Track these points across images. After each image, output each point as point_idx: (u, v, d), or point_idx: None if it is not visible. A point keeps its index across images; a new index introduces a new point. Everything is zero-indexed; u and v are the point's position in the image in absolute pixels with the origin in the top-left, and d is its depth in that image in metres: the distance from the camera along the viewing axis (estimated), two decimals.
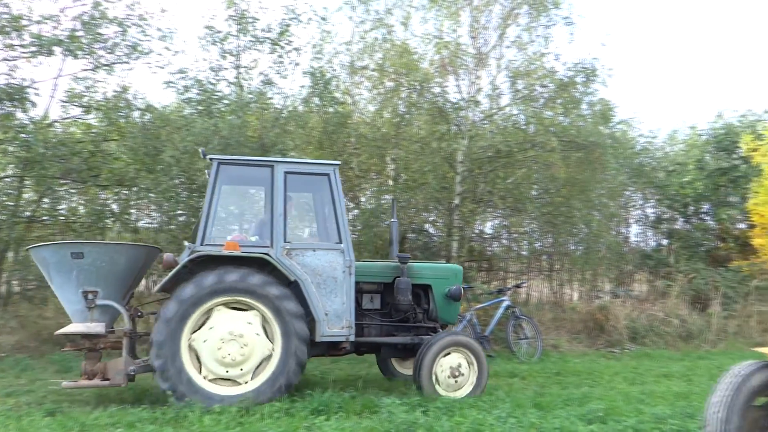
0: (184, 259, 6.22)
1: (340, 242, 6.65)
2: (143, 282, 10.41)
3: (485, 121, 12.59)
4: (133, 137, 10.54)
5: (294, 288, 6.41)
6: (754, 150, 12.99)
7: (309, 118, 11.98)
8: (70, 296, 6.46)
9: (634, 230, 17.20)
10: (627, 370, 9.16)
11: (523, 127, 12.54)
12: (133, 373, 6.32)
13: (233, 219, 10.12)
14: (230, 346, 6.06)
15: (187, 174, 10.81)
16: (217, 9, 16.56)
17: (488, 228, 14.86)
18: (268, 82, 11.66)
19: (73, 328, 6.40)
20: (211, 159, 6.54)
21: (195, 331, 6.10)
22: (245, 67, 11.73)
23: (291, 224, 6.91)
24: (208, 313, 6.16)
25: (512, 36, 12.69)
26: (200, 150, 6.98)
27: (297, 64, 11.80)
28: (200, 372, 6.07)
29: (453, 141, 12.01)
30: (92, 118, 11.12)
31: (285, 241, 6.49)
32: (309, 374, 7.84)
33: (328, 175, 6.80)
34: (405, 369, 8.00)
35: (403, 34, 12.95)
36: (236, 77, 11.71)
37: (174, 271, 6.13)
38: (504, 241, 15.35)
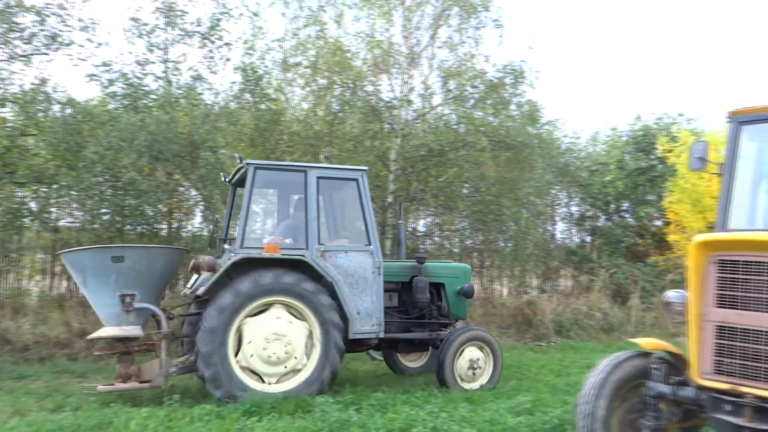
0: (225, 262, 6.41)
1: (370, 244, 7.04)
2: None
3: (418, 121, 12.74)
4: (53, 132, 10.03)
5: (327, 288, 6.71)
6: (669, 151, 13.73)
7: (241, 115, 11.76)
8: (106, 300, 6.44)
9: (560, 227, 17.85)
10: (553, 362, 9.50)
11: (455, 127, 12.76)
12: (174, 374, 6.49)
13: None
14: (275, 345, 6.33)
15: (112, 171, 10.40)
16: (144, 1, 15.96)
17: (421, 226, 15.06)
18: (197, 78, 11.36)
19: (109, 331, 6.40)
20: (247, 164, 6.70)
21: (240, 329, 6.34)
22: (174, 61, 11.38)
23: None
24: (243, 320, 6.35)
25: (444, 37, 12.90)
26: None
27: (228, 60, 11.56)
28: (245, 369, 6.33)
29: (386, 140, 12.09)
30: (8, 112, 10.51)
31: (319, 243, 6.76)
32: None
33: (356, 180, 7.17)
34: (411, 363, 8.44)
35: (336, 31, 12.92)
36: (164, 72, 11.34)
37: (219, 273, 6.31)
38: (436, 239, 15.60)
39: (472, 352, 7.17)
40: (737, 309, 3.38)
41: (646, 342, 4.09)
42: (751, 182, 5.13)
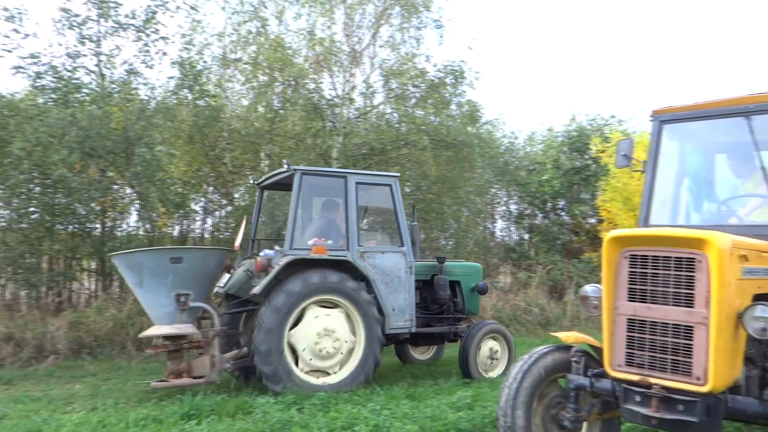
0: (277, 262, 6.72)
1: (402, 245, 7.53)
2: None
3: (360, 119, 12.78)
4: None
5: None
6: (602, 151, 14.22)
7: (178, 111, 11.51)
8: (162, 299, 6.66)
9: (500, 225, 18.23)
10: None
11: (396, 126, 12.86)
12: (229, 370, 6.85)
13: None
14: (325, 340, 6.76)
15: (41, 168, 10.00)
16: None
17: (363, 225, 15.09)
18: (132, 72, 11.04)
19: (165, 329, 6.64)
20: (294, 170, 7.09)
21: (292, 328, 6.71)
22: (107, 54, 11.03)
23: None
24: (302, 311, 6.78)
25: (385, 36, 13.00)
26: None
27: (164, 54, 11.29)
28: (296, 364, 6.73)
29: (328, 138, 12.07)
30: None
31: (358, 245, 7.19)
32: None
33: (390, 185, 7.62)
34: (419, 355, 9.24)
35: (277, 28, 12.82)
36: (97, 65, 10.98)
37: (274, 273, 6.63)
38: (378, 237, 15.67)
39: (490, 344, 7.98)
40: (647, 303, 3.54)
41: (567, 335, 4.23)
42: (672, 179, 5.39)
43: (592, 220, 15.85)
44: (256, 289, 6.65)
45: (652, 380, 3.42)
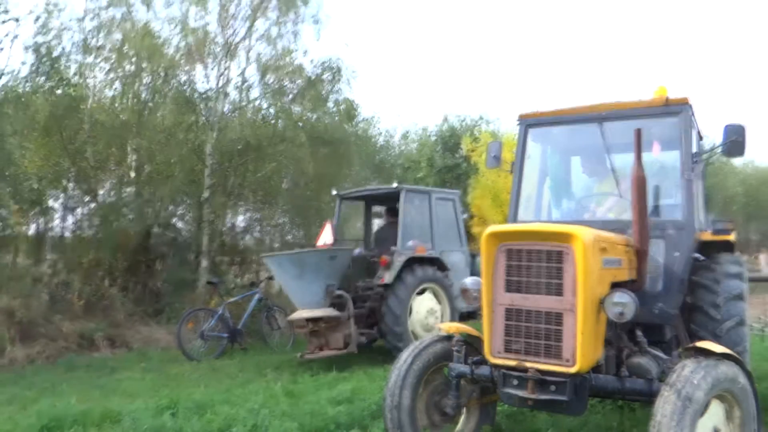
0: (396, 258, 8.55)
1: (462, 245, 9.84)
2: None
3: (235, 114, 12.42)
4: None
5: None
6: (473, 151, 14.97)
7: (32, 100, 10.52)
8: (315, 289, 8.07)
9: (376, 222, 18.54)
10: (373, 350, 9.86)
11: (273, 122, 12.66)
12: (364, 342, 8.45)
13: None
14: (429, 317, 8.73)
15: None
16: None
17: (240, 221, 14.74)
18: None
19: (318, 312, 8.08)
20: (401, 188, 9.07)
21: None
22: None
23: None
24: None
25: (261, 29, 12.73)
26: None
27: (16, 37, 10.25)
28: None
29: (201, 132, 11.62)
30: None
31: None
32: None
33: (453, 200, 9.99)
34: None
35: (145, 15, 12.10)
36: None
37: (398, 268, 8.43)
38: (256, 234, 15.38)
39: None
40: (522, 293, 3.81)
41: (449, 326, 4.45)
42: (536, 179, 5.82)
43: (464, 216, 16.59)
44: (387, 279, 8.45)
45: (528, 364, 3.69)
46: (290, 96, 12.75)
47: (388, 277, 8.48)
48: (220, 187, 12.45)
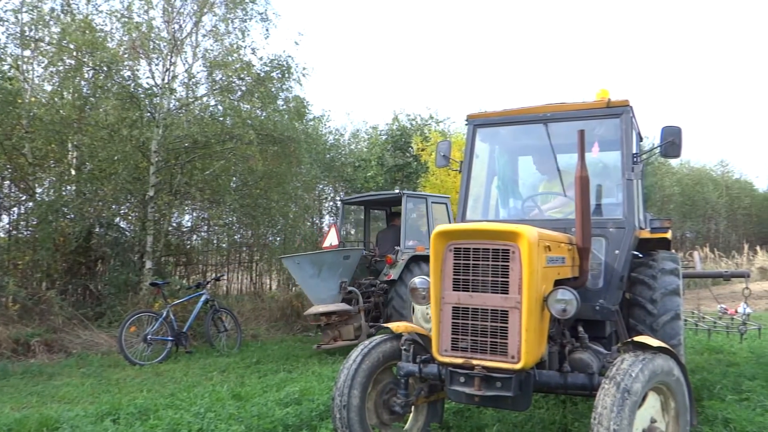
0: (400, 257, 9.71)
1: None
2: None
3: (181, 110, 12.12)
4: None
5: None
6: (422, 150, 15.08)
7: None
8: (331, 285, 8.89)
9: (327, 220, 18.50)
10: (321, 351, 9.84)
11: (221, 119, 12.43)
12: (373, 334, 8.54)
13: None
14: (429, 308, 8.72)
15: None
16: None
17: (186, 221, 14.42)
18: None
19: (332, 307, 8.81)
20: (403, 194, 10.24)
21: None
22: None
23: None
24: None
25: (208, 25, 12.47)
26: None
27: None
28: None
29: (146, 129, 11.29)
30: None
31: None
32: None
33: (445, 203, 10.96)
34: None
35: (86, 8, 11.66)
36: None
37: (403, 266, 9.52)
38: (203, 234, 15.08)
39: None
40: (469, 291, 3.86)
41: (397, 326, 4.47)
42: (484, 178, 5.91)
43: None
44: (394, 275, 9.43)
45: (475, 362, 3.73)
46: (239, 93, 12.53)
47: (394, 273, 9.52)
48: (166, 185, 12.14)
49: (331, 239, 10.06)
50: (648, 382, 3.45)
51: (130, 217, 12.61)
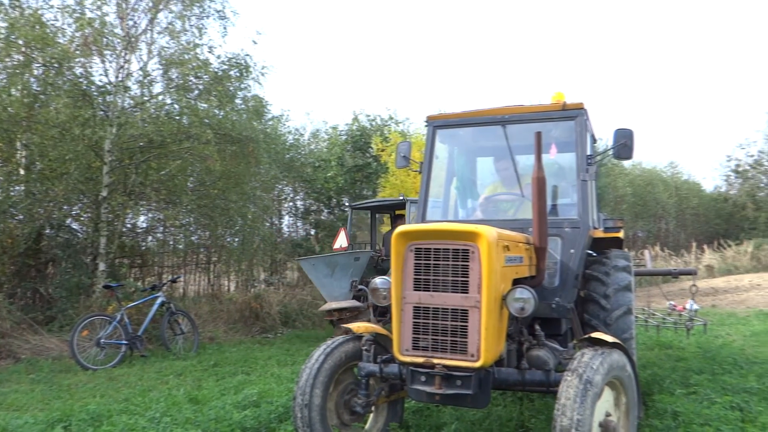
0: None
1: None
2: None
3: (136, 109, 11.84)
4: None
5: None
6: (382, 150, 15.10)
7: None
8: (344, 284, 9.40)
9: (286, 221, 18.39)
10: (280, 353, 9.78)
11: (178, 118, 12.20)
12: None
13: None
14: None
15: None
16: None
17: (141, 222, 14.10)
18: None
19: (344, 303, 9.29)
20: (405, 199, 10.93)
21: None
22: None
23: None
24: None
25: (164, 22, 12.21)
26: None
27: None
28: None
29: (99, 128, 10.98)
30: None
31: None
32: None
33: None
34: None
35: (35, 2, 11.28)
36: None
37: None
38: (159, 235, 14.78)
39: None
40: (430, 291, 3.89)
41: (358, 326, 4.48)
42: (444, 179, 5.97)
43: None
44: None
45: (435, 360, 3.77)
46: (196, 92, 12.32)
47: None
48: (120, 185, 11.85)
49: (341, 241, 10.68)
50: (606, 375, 3.55)
51: (82, 218, 12.26)
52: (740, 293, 17.37)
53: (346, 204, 17.60)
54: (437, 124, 5.69)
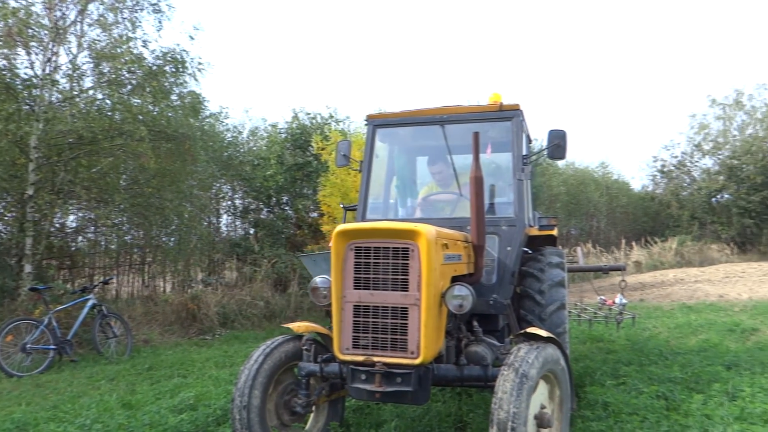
0: None
1: None
2: None
3: (65, 104, 11.34)
4: None
5: None
6: (323, 149, 15.00)
7: None
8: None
9: (225, 220, 18.02)
10: (218, 354, 9.59)
11: (109, 114, 11.76)
12: None
13: None
14: None
15: None
16: None
17: (71, 221, 13.51)
18: None
19: None
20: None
21: None
22: None
23: None
24: None
25: (95, 14, 11.74)
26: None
27: None
28: None
29: (24, 123, 10.46)
30: None
31: None
32: None
33: None
34: None
35: None
36: None
37: None
38: (90, 235, 14.21)
39: None
40: (370, 289, 3.91)
41: (298, 326, 4.45)
42: (384, 178, 6.01)
43: (314, 214, 16.62)
44: None
45: (376, 359, 3.79)
46: (129, 87, 11.90)
47: None
48: (48, 183, 11.32)
49: None
50: (542, 369, 3.67)
51: (6, 218, 11.66)
52: (665, 287, 18.25)
53: (285, 203, 17.44)
54: (377, 123, 5.72)
